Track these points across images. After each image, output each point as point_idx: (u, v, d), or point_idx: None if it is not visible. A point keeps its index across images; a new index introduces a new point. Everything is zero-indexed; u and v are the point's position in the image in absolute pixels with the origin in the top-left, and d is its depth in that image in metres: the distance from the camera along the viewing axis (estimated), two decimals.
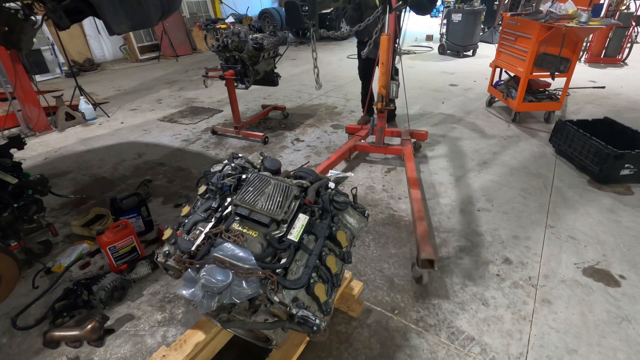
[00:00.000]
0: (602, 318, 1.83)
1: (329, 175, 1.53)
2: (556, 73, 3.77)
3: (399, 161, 3.47)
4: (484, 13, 7.87)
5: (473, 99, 5.14)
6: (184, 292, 1.12)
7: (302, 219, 1.27)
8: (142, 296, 2.05)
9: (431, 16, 14.31)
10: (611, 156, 2.79)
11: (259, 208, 1.24)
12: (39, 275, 2.18)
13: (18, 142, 2.60)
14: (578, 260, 2.20)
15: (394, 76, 2.94)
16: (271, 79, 4.35)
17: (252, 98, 5.59)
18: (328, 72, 6.96)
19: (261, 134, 3.98)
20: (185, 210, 1.46)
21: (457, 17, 7.52)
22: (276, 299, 1.09)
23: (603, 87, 5.40)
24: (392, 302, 1.95)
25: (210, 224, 1.29)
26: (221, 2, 11.18)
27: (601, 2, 6.98)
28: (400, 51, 3.15)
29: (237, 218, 1.25)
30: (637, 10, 6.72)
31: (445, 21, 8.28)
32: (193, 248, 1.22)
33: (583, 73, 6.07)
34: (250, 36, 3.78)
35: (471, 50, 7.91)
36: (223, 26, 7.07)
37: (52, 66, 7.55)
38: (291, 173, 1.54)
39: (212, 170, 1.55)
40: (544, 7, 3.94)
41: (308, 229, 1.27)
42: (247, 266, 1.11)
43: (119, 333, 1.83)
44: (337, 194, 1.44)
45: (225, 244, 1.15)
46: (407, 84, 3.19)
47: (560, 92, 4.11)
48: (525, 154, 3.53)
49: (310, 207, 1.33)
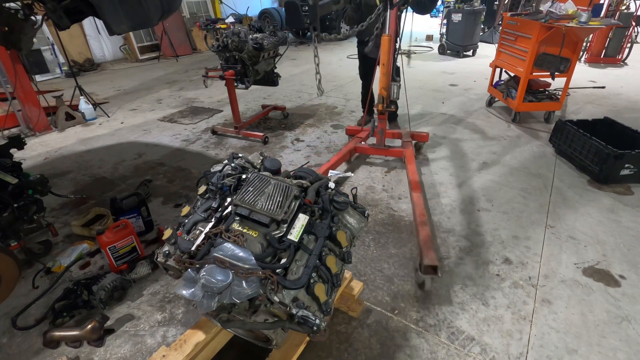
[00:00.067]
0: (602, 318, 1.83)
1: (329, 175, 1.53)
2: (556, 73, 3.77)
3: (399, 162, 3.47)
4: (484, 13, 7.87)
5: (473, 99, 5.14)
6: (184, 292, 1.12)
7: (302, 219, 1.27)
8: (142, 296, 2.05)
9: (431, 16, 14.32)
10: (611, 156, 2.79)
11: (259, 208, 1.24)
12: (39, 275, 2.18)
13: (18, 142, 2.60)
14: (578, 260, 2.20)
15: (395, 77, 2.92)
16: (271, 79, 4.35)
17: (252, 98, 5.59)
18: (328, 72, 6.96)
19: (261, 134, 3.98)
20: (185, 210, 1.46)
21: (457, 17, 7.52)
22: (276, 299, 1.09)
23: (603, 87, 5.40)
24: (392, 302, 1.95)
25: (210, 224, 1.29)
26: (221, 2, 11.18)
27: (601, 2, 6.98)
28: (400, 50, 3.14)
29: (237, 218, 1.25)
30: (637, 10, 6.72)
31: (445, 21, 8.28)
32: (193, 248, 1.22)
33: (583, 73, 6.07)
34: (250, 36, 3.78)
35: (471, 50, 7.91)
36: (223, 26, 7.09)
37: (52, 66, 7.54)
38: (291, 173, 1.54)
39: (212, 170, 1.55)
40: (544, 7, 3.94)
41: (308, 229, 1.27)
42: (247, 266, 1.11)
43: (119, 333, 1.83)
44: (337, 194, 1.44)
45: (225, 244, 1.15)
46: (407, 84, 3.19)
47: (560, 92, 4.11)
48: (525, 154, 3.53)
49: (310, 207, 1.33)
